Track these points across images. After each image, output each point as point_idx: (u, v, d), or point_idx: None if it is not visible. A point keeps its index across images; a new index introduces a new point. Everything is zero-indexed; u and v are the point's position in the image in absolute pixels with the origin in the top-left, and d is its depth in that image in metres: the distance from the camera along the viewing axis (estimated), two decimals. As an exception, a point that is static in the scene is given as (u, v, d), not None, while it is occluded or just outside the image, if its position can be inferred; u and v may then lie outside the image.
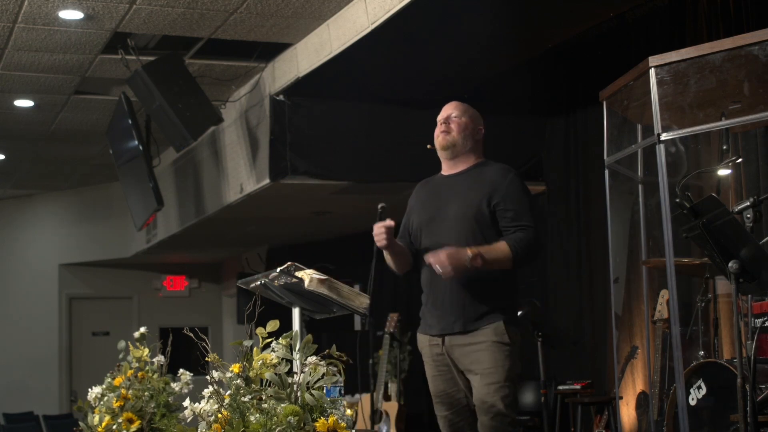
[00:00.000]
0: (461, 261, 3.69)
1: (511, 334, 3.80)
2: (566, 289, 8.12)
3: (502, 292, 3.86)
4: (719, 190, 5.68)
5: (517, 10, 6.24)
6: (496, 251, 3.76)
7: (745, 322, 4.41)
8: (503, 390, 3.75)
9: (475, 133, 4.09)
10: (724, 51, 4.47)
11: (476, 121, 4.13)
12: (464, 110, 4.11)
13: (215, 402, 2.86)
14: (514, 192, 3.88)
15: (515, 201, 3.86)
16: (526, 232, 3.79)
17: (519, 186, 3.92)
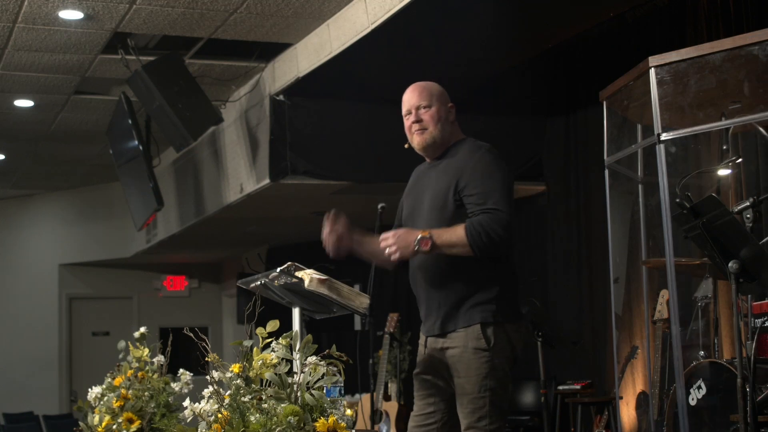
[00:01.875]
0: (409, 242, 3.33)
1: (494, 336, 3.38)
2: (566, 289, 8.13)
3: (481, 288, 3.42)
4: (719, 190, 5.68)
5: (517, 10, 6.24)
6: (450, 235, 3.33)
7: (745, 322, 4.41)
8: (476, 402, 3.38)
9: (448, 115, 3.64)
10: (724, 51, 4.47)
11: (444, 100, 3.66)
12: (429, 95, 3.63)
13: (215, 402, 2.86)
14: (481, 172, 3.43)
15: (480, 182, 3.40)
16: (489, 216, 3.31)
17: (487, 165, 3.45)
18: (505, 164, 3.49)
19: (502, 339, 3.41)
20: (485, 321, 3.40)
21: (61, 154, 10.56)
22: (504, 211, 3.33)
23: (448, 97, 3.71)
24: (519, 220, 8.99)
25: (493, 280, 3.44)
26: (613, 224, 5.53)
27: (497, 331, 3.40)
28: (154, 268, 13.53)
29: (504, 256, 3.47)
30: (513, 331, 3.46)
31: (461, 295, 3.43)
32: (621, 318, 6.62)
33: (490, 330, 3.40)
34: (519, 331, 3.49)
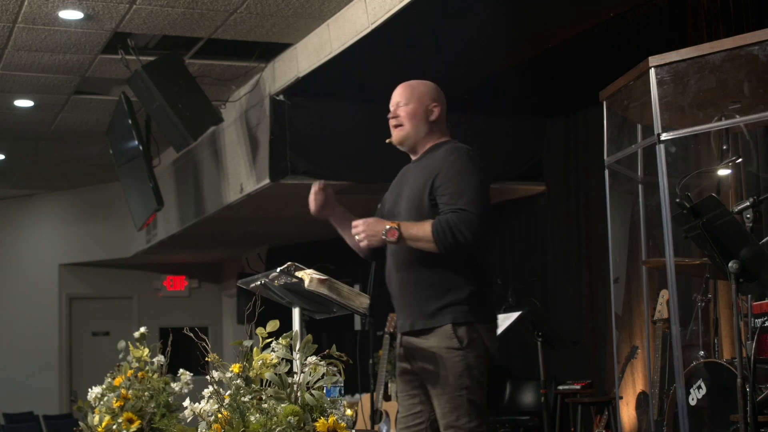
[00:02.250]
0: (377, 231, 3.37)
1: (466, 336, 3.39)
2: (566, 289, 8.13)
3: (454, 289, 3.43)
4: (719, 190, 5.68)
5: (517, 10, 6.24)
6: (418, 229, 3.36)
7: (745, 322, 4.41)
8: (454, 401, 3.36)
9: (428, 113, 3.64)
10: (724, 51, 4.47)
11: (426, 101, 3.65)
12: (410, 93, 3.67)
13: (215, 402, 2.86)
14: (455, 173, 3.44)
15: (454, 182, 3.42)
16: (457, 215, 3.33)
17: (463, 166, 3.47)
18: (482, 168, 3.51)
19: (475, 339, 3.42)
20: (456, 321, 3.41)
21: (61, 154, 10.56)
22: (473, 212, 3.35)
23: (438, 97, 3.70)
24: (519, 220, 9.03)
25: (466, 281, 3.46)
26: (613, 224, 5.53)
27: (470, 331, 3.41)
28: (154, 268, 13.53)
29: (477, 257, 3.49)
30: (486, 331, 3.46)
31: (434, 295, 3.44)
32: (621, 318, 6.63)
33: (462, 330, 3.41)
34: (492, 331, 3.50)
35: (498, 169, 8.41)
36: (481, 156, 3.64)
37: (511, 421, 8.03)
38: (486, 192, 3.46)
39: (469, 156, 3.51)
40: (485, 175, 3.50)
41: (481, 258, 3.52)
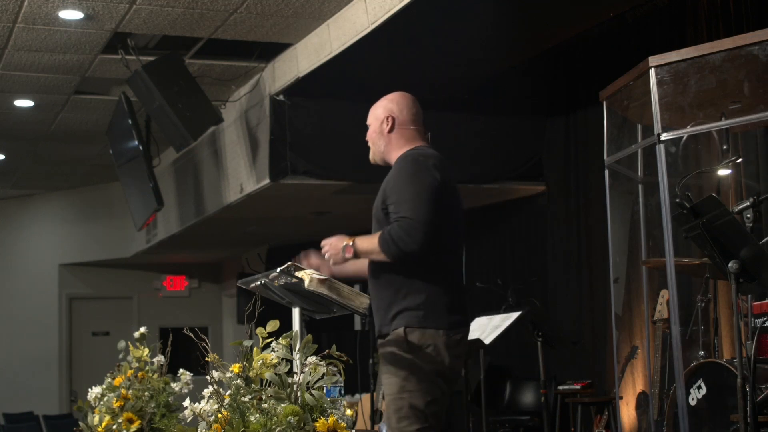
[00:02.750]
0: (338, 250, 3.47)
1: (417, 341, 3.42)
2: (566, 289, 8.13)
3: (411, 294, 3.46)
4: (719, 190, 5.68)
5: (517, 10, 6.24)
6: (369, 243, 3.44)
7: (745, 322, 4.41)
8: (396, 403, 3.41)
9: (383, 129, 3.68)
10: (724, 51, 4.47)
11: (380, 116, 3.71)
12: (371, 114, 3.76)
13: (215, 402, 2.86)
14: (398, 181, 3.49)
15: (396, 191, 3.47)
16: (398, 224, 3.37)
17: (404, 174, 3.50)
18: (427, 171, 3.49)
19: (427, 344, 3.44)
20: (409, 325, 3.43)
21: (61, 154, 10.56)
22: (412, 218, 3.37)
23: (392, 107, 3.73)
24: (519, 220, 9.04)
25: (424, 286, 3.47)
26: (613, 224, 5.53)
27: (421, 337, 3.43)
28: (154, 268, 13.53)
29: (435, 262, 3.48)
30: (441, 337, 3.45)
31: (394, 300, 3.49)
32: (621, 318, 6.63)
33: (415, 334, 3.43)
34: (450, 337, 3.46)
35: (498, 169, 8.42)
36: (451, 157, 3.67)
37: (511, 421, 8.03)
38: (427, 195, 3.43)
39: (415, 162, 3.52)
40: (433, 178, 3.48)
41: (440, 263, 3.51)
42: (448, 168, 3.58)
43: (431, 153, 3.59)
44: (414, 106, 3.77)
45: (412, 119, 3.72)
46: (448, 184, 3.54)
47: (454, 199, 3.60)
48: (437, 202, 3.43)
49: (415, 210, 3.38)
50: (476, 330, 5.93)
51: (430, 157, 3.54)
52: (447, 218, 3.50)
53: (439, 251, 3.46)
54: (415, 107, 3.77)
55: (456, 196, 3.62)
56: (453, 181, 3.60)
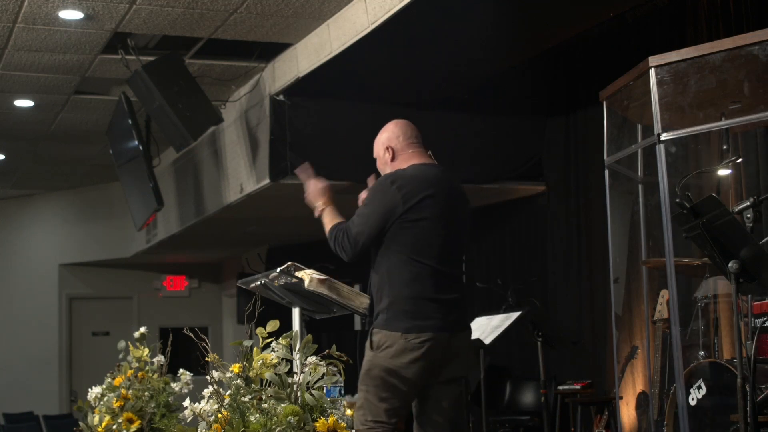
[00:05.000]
0: (314, 199, 4.10)
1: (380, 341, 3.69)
2: (566, 289, 8.12)
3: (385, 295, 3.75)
4: (719, 190, 5.68)
5: (517, 10, 6.23)
6: (328, 221, 3.95)
7: (745, 322, 4.41)
8: (359, 395, 3.69)
9: (386, 160, 4.03)
10: (724, 51, 4.47)
11: (380, 150, 4.07)
12: (375, 148, 4.12)
13: (215, 402, 2.86)
14: (367, 195, 3.95)
15: (364, 203, 3.94)
16: (349, 232, 3.81)
17: (371, 191, 3.93)
18: (386, 194, 3.79)
19: (387, 346, 3.67)
20: (376, 326, 3.71)
21: (61, 154, 10.55)
22: (358, 233, 3.78)
23: (389, 137, 4.04)
24: (519, 220, 9.03)
25: (391, 291, 3.74)
26: (613, 224, 5.53)
27: (384, 338, 3.68)
28: (154, 268, 13.52)
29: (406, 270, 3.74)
30: (400, 339, 3.67)
31: (376, 303, 3.79)
32: (621, 318, 6.62)
33: (379, 335, 3.69)
34: (409, 340, 3.67)
35: (498, 169, 8.41)
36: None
37: (511, 421, 8.03)
38: (378, 214, 3.78)
39: (381, 183, 3.87)
40: (388, 202, 3.78)
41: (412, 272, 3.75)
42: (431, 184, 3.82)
43: (410, 174, 3.85)
44: (408, 130, 4.05)
45: (408, 144, 4.00)
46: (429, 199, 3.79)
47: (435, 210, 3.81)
48: (384, 222, 3.76)
49: (360, 221, 3.80)
50: (476, 330, 5.93)
51: (402, 178, 3.82)
52: (421, 232, 3.76)
53: (410, 260, 3.73)
54: (410, 130, 4.05)
55: (438, 208, 3.82)
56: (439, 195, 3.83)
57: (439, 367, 3.76)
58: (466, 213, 4.00)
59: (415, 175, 3.84)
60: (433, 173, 3.89)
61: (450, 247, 3.85)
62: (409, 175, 3.85)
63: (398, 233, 3.76)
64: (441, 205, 3.82)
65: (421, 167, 3.90)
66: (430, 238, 3.79)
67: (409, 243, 3.75)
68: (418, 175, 3.85)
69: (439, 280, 3.79)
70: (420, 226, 3.77)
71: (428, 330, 3.71)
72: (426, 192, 3.80)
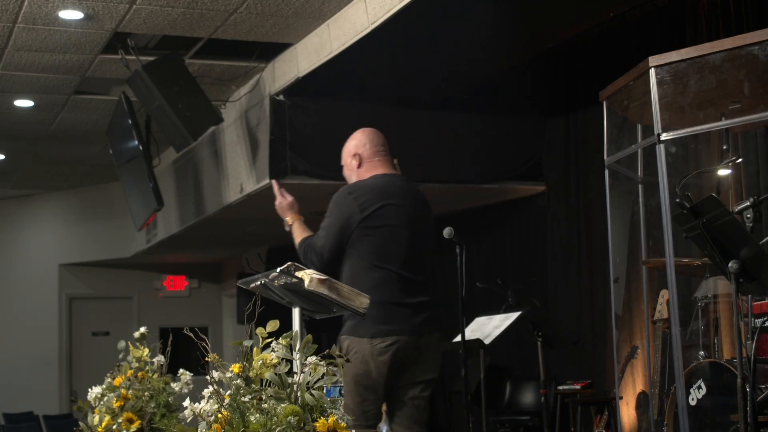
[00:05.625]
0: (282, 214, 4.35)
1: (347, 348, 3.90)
2: (566, 289, 8.12)
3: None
4: (719, 190, 5.68)
5: (517, 10, 6.23)
6: (298, 235, 4.17)
7: (745, 322, 4.41)
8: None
9: (353, 166, 4.21)
10: (724, 51, 4.47)
11: (346, 157, 4.26)
12: (343, 152, 4.29)
13: (215, 402, 2.86)
14: (328, 208, 4.11)
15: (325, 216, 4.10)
16: (311, 240, 4.07)
17: (331, 204, 4.09)
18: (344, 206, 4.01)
19: (356, 351, 3.89)
20: (344, 333, 3.93)
21: (61, 154, 10.56)
22: (320, 246, 4.01)
23: (355, 145, 4.25)
24: (519, 220, 9.04)
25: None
26: (613, 224, 5.53)
27: (351, 344, 3.90)
28: (154, 268, 13.52)
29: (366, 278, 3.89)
30: (366, 344, 3.88)
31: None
32: (621, 318, 6.62)
33: (346, 342, 3.92)
34: (375, 345, 3.88)
35: (498, 169, 8.41)
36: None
37: (511, 421, 8.03)
38: (338, 224, 3.98)
39: (339, 195, 4.06)
40: (345, 212, 3.98)
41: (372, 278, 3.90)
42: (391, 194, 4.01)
43: (368, 184, 4.04)
44: (375, 138, 4.25)
45: (375, 151, 4.19)
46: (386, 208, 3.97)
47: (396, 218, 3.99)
48: (345, 232, 3.96)
49: (324, 239, 4.00)
50: (476, 330, 5.93)
51: (359, 189, 4.02)
52: (380, 239, 3.94)
53: (372, 267, 3.91)
54: (377, 138, 4.25)
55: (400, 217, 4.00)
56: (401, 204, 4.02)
57: (407, 370, 3.92)
58: (430, 222, 4.16)
59: (375, 185, 4.02)
60: (395, 183, 4.06)
61: (414, 254, 3.99)
62: (368, 185, 4.03)
63: (359, 241, 3.93)
64: (403, 213, 3.99)
65: (382, 177, 4.08)
66: (392, 245, 3.94)
67: (371, 250, 3.92)
68: (378, 184, 4.03)
69: (403, 284, 3.93)
70: (381, 234, 3.93)
71: (394, 334, 3.87)
72: (385, 201, 3.97)
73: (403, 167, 4.53)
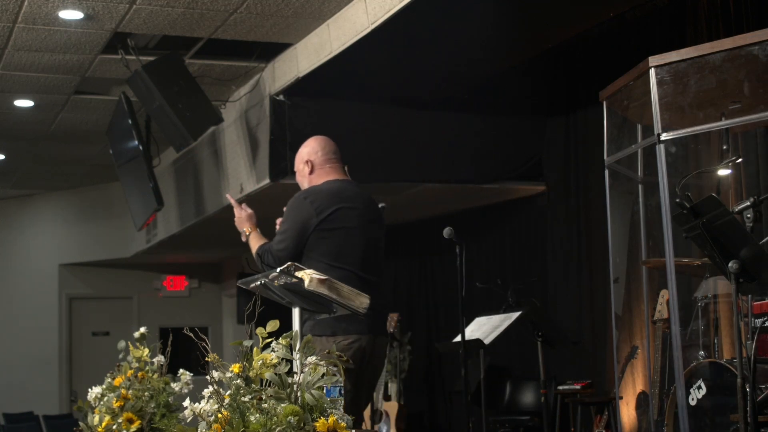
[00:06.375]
0: (240, 225, 4.54)
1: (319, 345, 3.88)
2: (566, 289, 8.12)
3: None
4: (719, 190, 5.68)
5: (517, 10, 6.24)
6: (254, 244, 4.39)
7: (745, 322, 4.41)
8: None
9: (304, 171, 4.33)
10: (724, 51, 4.47)
11: (298, 163, 4.36)
12: (296, 158, 4.38)
13: (215, 402, 2.86)
14: (285, 213, 4.25)
15: (282, 221, 4.26)
16: (271, 251, 4.22)
17: (287, 209, 4.22)
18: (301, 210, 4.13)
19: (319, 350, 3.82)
20: (314, 333, 3.94)
21: (61, 154, 10.56)
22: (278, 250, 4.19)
23: (309, 152, 4.34)
24: (519, 220, 9.04)
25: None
26: (613, 224, 5.53)
27: (322, 343, 3.93)
28: (154, 268, 13.52)
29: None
30: (327, 343, 3.95)
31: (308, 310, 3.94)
32: (621, 318, 6.62)
33: (319, 342, 3.90)
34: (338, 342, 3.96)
35: (498, 169, 8.41)
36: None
37: (511, 421, 8.03)
38: (296, 227, 4.14)
39: (295, 200, 4.19)
40: (301, 215, 4.12)
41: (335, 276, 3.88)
42: (345, 198, 4.14)
43: (322, 189, 4.17)
44: (327, 146, 4.35)
45: (326, 159, 4.32)
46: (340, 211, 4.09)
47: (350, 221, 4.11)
48: (302, 235, 4.11)
49: (283, 243, 4.17)
50: (476, 330, 5.93)
51: (313, 194, 4.15)
52: (338, 241, 4.06)
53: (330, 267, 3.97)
54: (329, 146, 4.35)
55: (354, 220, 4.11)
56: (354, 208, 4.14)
57: (363, 370, 3.97)
58: (382, 226, 4.27)
59: (329, 189, 4.15)
60: (347, 188, 4.19)
61: (368, 256, 4.10)
62: (322, 189, 4.15)
63: (316, 243, 4.06)
64: (357, 217, 4.11)
65: (336, 183, 4.21)
66: (348, 247, 4.06)
67: (328, 251, 4.04)
68: (332, 189, 4.15)
69: (361, 284, 3.91)
70: (337, 236, 4.06)
71: (355, 332, 3.97)
72: (339, 204, 4.09)
73: (403, 167, 4.58)
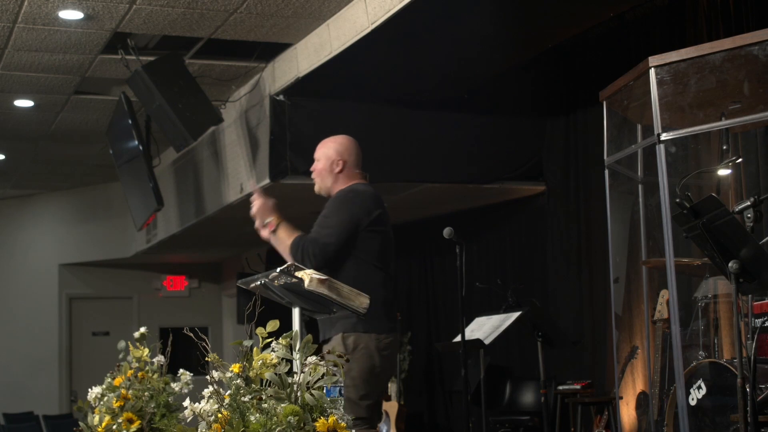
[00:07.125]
0: (263, 216, 4.33)
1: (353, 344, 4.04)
2: (566, 289, 8.12)
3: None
4: (719, 190, 5.69)
5: (517, 10, 6.24)
6: (286, 235, 4.18)
7: (745, 322, 4.41)
8: None
9: (333, 167, 4.35)
10: (724, 51, 4.48)
11: (331, 156, 4.36)
12: (321, 152, 4.42)
13: (215, 402, 2.86)
14: (333, 205, 4.20)
15: (327, 212, 4.18)
16: (316, 242, 4.08)
17: (336, 203, 4.19)
18: (355, 206, 4.15)
19: (364, 347, 4.05)
20: (347, 330, 4.04)
21: (61, 154, 10.56)
22: (328, 243, 4.06)
23: (343, 151, 4.37)
24: (519, 220, 9.04)
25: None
26: (613, 224, 5.53)
27: (358, 340, 4.04)
28: (154, 268, 13.52)
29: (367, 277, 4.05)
30: (374, 340, 4.06)
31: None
32: (621, 318, 6.62)
33: (351, 338, 4.04)
34: (380, 340, 4.07)
35: (498, 169, 8.41)
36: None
37: (511, 421, 8.03)
38: (348, 226, 4.10)
39: (346, 197, 4.20)
40: (355, 213, 4.13)
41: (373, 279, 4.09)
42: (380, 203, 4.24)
43: (366, 191, 4.24)
44: (358, 150, 4.41)
45: (357, 162, 4.37)
46: (382, 215, 4.19)
47: (386, 225, 4.24)
48: (353, 232, 4.09)
49: (332, 237, 4.07)
50: (476, 330, 5.93)
51: (361, 194, 4.20)
52: (381, 243, 4.15)
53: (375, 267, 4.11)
54: (359, 150, 4.41)
55: (387, 224, 4.25)
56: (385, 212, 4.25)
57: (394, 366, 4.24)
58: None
59: (371, 193, 4.25)
60: (377, 193, 4.29)
61: (393, 260, 4.26)
62: (366, 191, 4.23)
63: (364, 242, 4.10)
64: (389, 221, 4.27)
65: (369, 187, 4.30)
66: (386, 249, 4.19)
67: (374, 251, 4.12)
68: (371, 192, 4.26)
69: (392, 286, 4.21)
70: (380, 238, 4.16)
71: (393, 331, 4.15)
72: (379, 208, 4.21)
73: (404, 167, 4.60)
